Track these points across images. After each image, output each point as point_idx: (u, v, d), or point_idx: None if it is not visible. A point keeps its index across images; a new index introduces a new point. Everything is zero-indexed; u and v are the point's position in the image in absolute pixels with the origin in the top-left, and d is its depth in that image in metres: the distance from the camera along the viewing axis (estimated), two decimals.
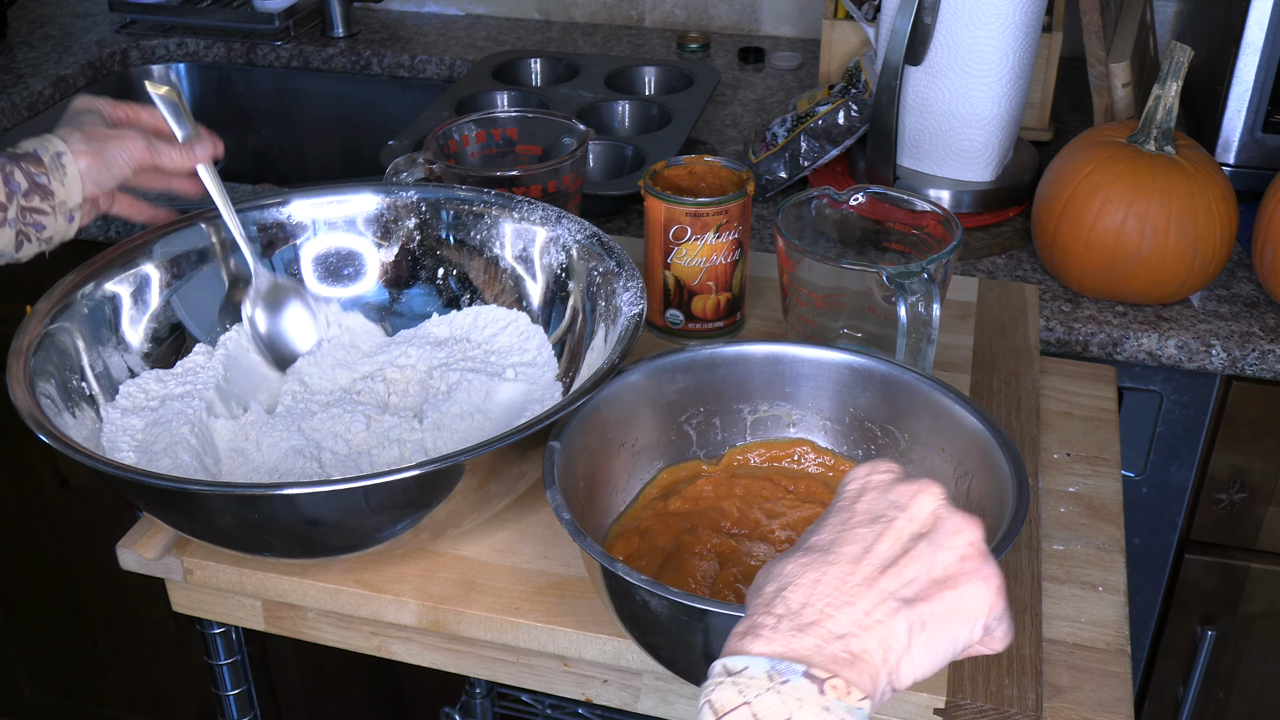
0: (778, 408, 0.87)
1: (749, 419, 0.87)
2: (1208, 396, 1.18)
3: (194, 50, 1.84)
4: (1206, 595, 1.28)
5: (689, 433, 0.86)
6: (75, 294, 0.88)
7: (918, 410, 0.81)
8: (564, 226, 0.96)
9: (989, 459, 0.75)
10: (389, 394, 0.94)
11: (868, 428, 0.85)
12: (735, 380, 0.86)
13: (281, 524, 0.75)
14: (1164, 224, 1.09)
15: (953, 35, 1.20)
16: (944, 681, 0.74)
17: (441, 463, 0.72)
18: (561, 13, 1.90)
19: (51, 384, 0.82)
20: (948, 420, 0.79)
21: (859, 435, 0.85)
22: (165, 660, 1.72)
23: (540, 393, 0.92)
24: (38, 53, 1.76)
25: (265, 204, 0.99)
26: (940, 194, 1.27)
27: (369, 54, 1.79)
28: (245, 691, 0.98)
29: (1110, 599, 0.82)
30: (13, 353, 0.81)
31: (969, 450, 0.77)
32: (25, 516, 1.64)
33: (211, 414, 0.89)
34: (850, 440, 0.86)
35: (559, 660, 0.82)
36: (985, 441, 0.76)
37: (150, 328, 0.93)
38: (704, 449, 0.86)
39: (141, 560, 0.85)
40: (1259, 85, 1.26)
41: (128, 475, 0.74)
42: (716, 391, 0.86)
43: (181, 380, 0.91)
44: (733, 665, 0.49)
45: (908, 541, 0.54)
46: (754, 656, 0.49)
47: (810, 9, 1.81)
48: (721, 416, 0.86)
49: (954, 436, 0.79)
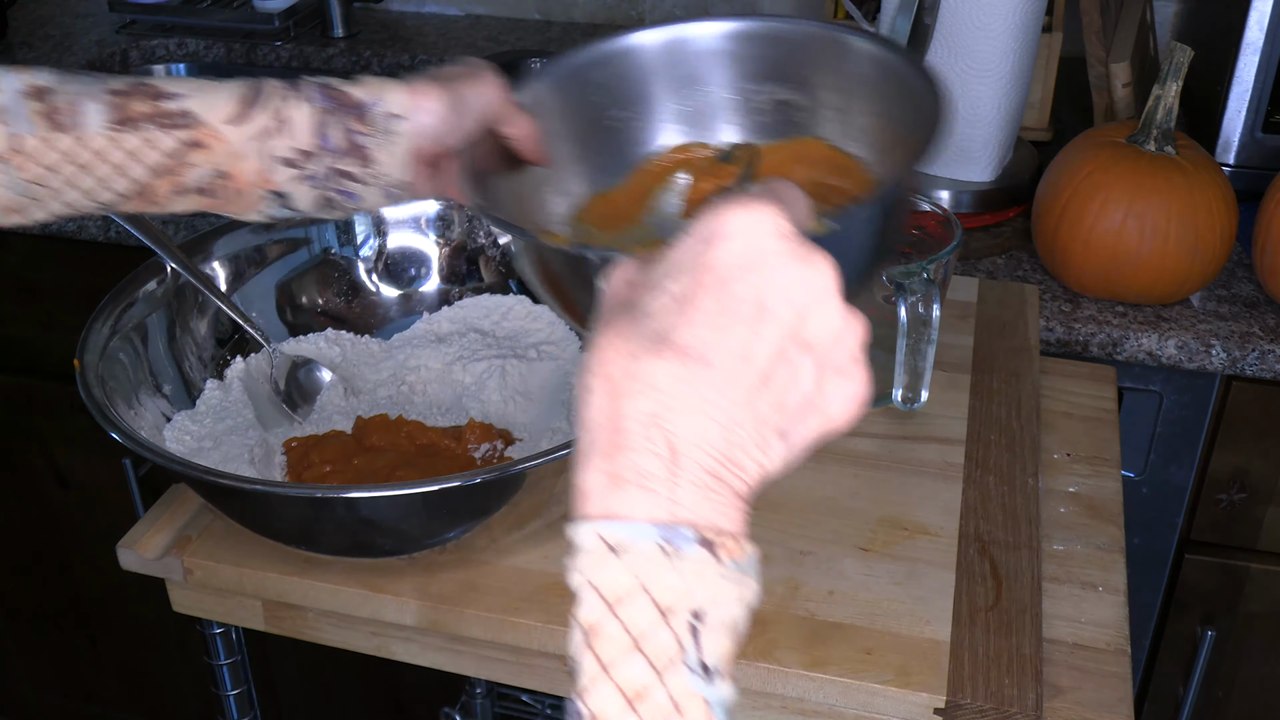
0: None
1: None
2: (1208, 396, 1.18)
3: (194, 50, 1.84)
4: (1206, 595, 1.28)
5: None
6: (108, 343, 0.86)
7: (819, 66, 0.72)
8: None
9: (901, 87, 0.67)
10: (412, 396, 0.94)
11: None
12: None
13: (408, 517, 0.76)
14: (1164, 224, 1.09)
15: (953, 35, 1.20)
16: (944, 681, 0.74)
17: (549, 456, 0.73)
18: (561, 13, 1.90)
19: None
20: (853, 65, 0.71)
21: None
22: (165, 660, 1.72)
23: (573, 366, 0.94)
24: (38, 53, 1.76)
25: None
26: (940, 194, 1.27)
27: (369, 54, 1.79)
28: (245, 691, 0.98)
29: (1110, 599, 0.82)
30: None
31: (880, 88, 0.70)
32: (25, 516, 1.64)
33: (267, 449, 0.90)
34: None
35: (559, 660, 0.82)
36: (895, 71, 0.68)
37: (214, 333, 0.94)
38: None
39: (141, 560, 0.85)
40: (1259, 85, 1.26)
41: (211, 478, 0.74)
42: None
43: (216, 417, 0.91)
44: (614, 537, 0.41)
45: (790, 350, 0.44)
46: (638, 524, 0.41)
47: (810, 9, 1.81)
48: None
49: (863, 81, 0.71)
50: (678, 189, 0.77)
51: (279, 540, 0.80)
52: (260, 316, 0.97)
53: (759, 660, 0.76)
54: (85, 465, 1.55)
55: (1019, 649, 0.76)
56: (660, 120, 0.78)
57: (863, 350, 0.45)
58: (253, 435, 0.90)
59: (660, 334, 0.43)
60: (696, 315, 0.43)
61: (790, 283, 0.43)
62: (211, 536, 0.86)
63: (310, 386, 0.96)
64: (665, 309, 0.43)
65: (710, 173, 0.77)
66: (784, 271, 0.43)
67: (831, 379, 0.44)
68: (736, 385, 0.42)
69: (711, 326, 0.43)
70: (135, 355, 0.88)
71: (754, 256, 0.43)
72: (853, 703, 0.75)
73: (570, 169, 0.76)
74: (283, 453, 0.89)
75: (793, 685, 0.76)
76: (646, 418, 0.42)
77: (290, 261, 0.99)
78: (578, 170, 0.77)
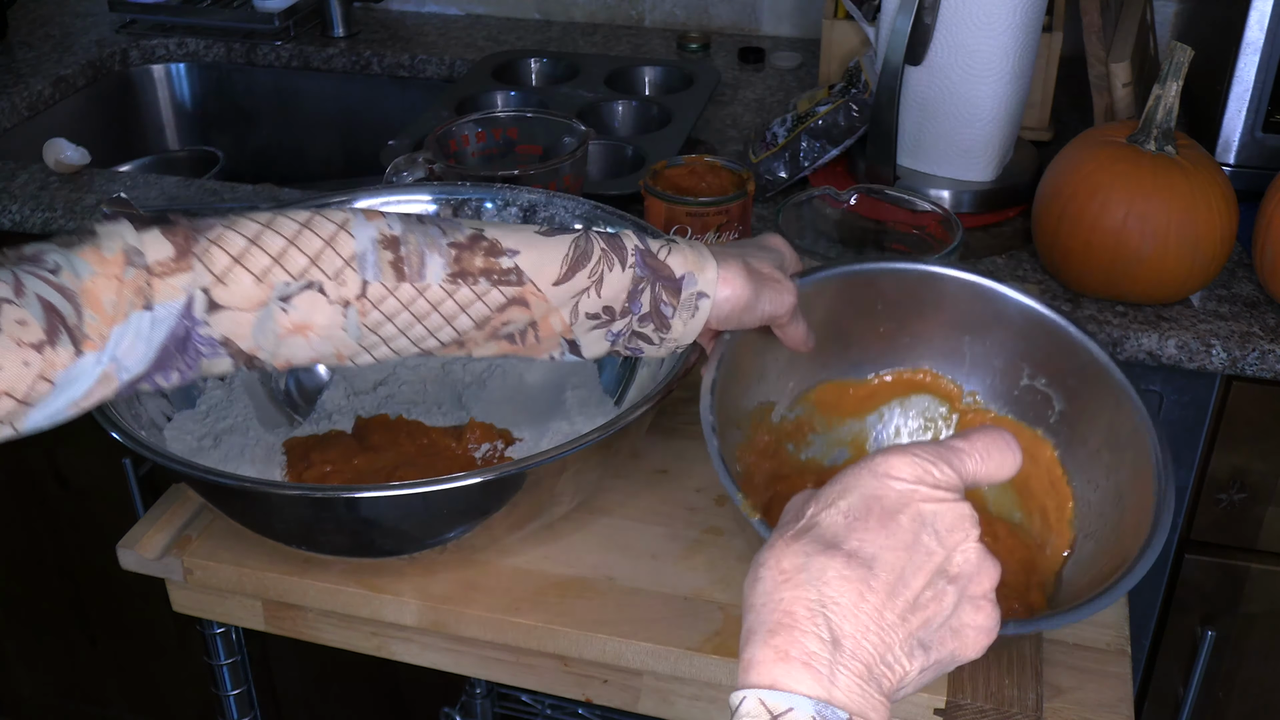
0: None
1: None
2: (1208, 396, 1.18)
3: (194, 50, 1.84)
4: (1206, 595, 1.28)
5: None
6: None
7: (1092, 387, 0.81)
8: (559, 204, 0.97)
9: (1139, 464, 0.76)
10: (412, 395, 0.95)
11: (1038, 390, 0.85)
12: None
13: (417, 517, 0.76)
14: (1164, 224, 1.09)
15: (953, 35, 1.20)
16: (944, 681, 0.74)
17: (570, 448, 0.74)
18: (561, 13, 1.90)
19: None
20: (1116, 404, 0.79)
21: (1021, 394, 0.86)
22: (165, 660, 1.72)
23: (568, 367, 0.93)
24: (38, 53, 1.76)
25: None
26: (940, 194, 1.27)
27: (369, 54, 1.79)
28: (245, 692, 0.98)
29: None
30: None
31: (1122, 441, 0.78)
32: (25, 516, 1.64)
33: (268, 449, 0.90)
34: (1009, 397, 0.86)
35: (559, 660, 0.82)
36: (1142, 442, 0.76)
37: None
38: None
39: (141, 560, 0.85)
40: (1259, 85, 1.26)
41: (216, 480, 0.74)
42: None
43: (218, 415, 0.91)
44: (776, 705, 0.46)
45: (938, 580, 0.51)
46: (799, 696, 0.46)
47: (810, 9, 1.81)
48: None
49: (1116, 428, 0.79)
50: (916, 408, 0.87)
51: (279, 540, 0.80)
52: None
53: None
54: (85, 465, 1.55)
55: (1019, 649, 0.76)
56: (923, 346, 0.87)
57: (994, 591, 0.53)
58: (253, 435, 0.90)
59: (831, 540, 0.50)
60: (865, 532, 0.50)
61: (942, 521, 0.51)
62: (211, 536, 0.86)
63: (311, 386, 0.96)
64: (836, 524, 0.51)
65: (944, 399, 0.87)
66: (938, 512, 0.51)
67: (968, 610, 0.52)
68: (895, 598, 0.49)
69: (876, 544, 0.50)
70: None
71: (914, 496, 0.51)
72: None
73: (812, 355, 0.84)
74: (283, 452, 0.89)
75: None
76: (815, 605, 0.48)
77: None
78: (821, 357, 0.85)
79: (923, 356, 0.87)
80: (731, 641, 0.77)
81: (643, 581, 0.81)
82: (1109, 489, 0.78)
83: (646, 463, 0.92)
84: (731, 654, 0.76)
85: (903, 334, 0.86)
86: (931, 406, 0.87)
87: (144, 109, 1.86)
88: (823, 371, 0.86)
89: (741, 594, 0.51)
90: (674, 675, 0.78)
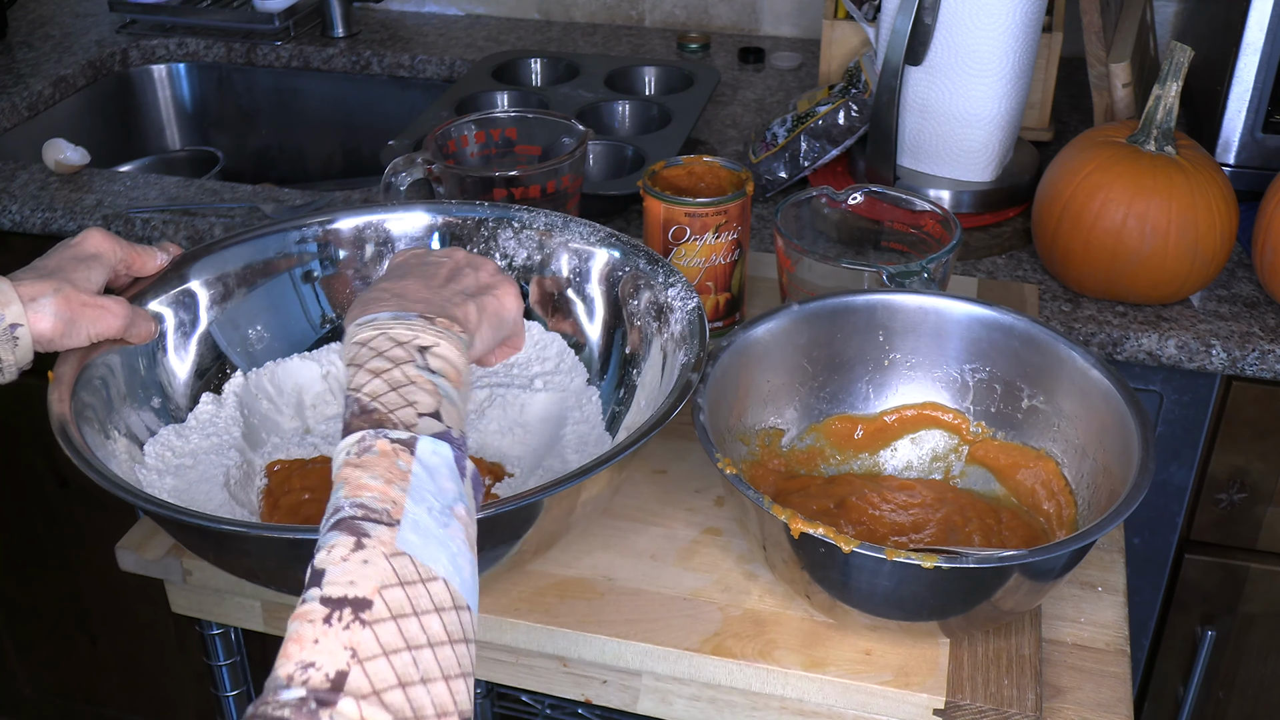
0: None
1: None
2: (1208, 396, 1.18)
3: (194, 50, 1.84)
4: (1206, 595, 1.28)
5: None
6: (88, 362, 0.83)
7: (1052, 370, 0.85)
8: (573, 230, 0.95)
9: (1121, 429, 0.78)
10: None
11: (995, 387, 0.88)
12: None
13: None
14: (1164, 224, 1.09)
15: (953, 35, 1.20)
16: (944, 682, 0.74)
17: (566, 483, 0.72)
18: (561, 13, 1.90)
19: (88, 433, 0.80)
20: (1082, 384, 0.82)
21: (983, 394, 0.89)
22: (165, 660, 1.72)
23: (573, 399, 0.92)
24: (38, 53, 1.76)
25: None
26: (940, 194, 1.27)
27: (369, 54, 1.79)
28: (245, 692, 0.98)
29: (1110, 599, 0.82)
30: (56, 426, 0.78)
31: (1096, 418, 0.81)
32: (25, 516, 1.64)
33: (247, 470, 0.87)
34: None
35: (559, 660, 0.82)
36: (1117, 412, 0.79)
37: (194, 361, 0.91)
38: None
39: (141, 561, 0.85)
40: (1259, 85, 1.26)
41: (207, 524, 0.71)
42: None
43: (203, 433, 0.88)
44: (363, 319, 0.68)
45: (457, 267, 0.76)
46: (377, 314, 0.68)
47: (810, 9, 1.81)
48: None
49: (1086, 404, 0.82)
50: (927, 444, 0.89)
51: (250, 579, 0.77)
52: (264, 329, 0.94)
53: (758, 661, 0.76)
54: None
55: (1018, 649, 0.76)
56: (925, 376, 0.90)
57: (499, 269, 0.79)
58: (233, 456, 0.86)
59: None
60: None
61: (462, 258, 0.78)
62: None
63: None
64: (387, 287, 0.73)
65: (953, 433, 0.89)
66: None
67: (486, 274, 0.77)
68: (433, 280, 0.74)
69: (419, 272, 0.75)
70: (130, 368, 0.86)
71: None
72: (852, 704, 0.75)
73: (816, 387, 0.89)
74: (264, 475, 0.87)
75: (792, 686, 0.76)
76: (387, 292, 0.71)
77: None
78: (828, 386, 0.89)
79: (928, 389, 0.90)
80: (731, 642, 0.77)
81: (642, 582, 0.81)
82: (1104, 487, 0.79)
83: (646, 463, 0.92)
84: (731, 654, 0.76)
85: (904, 365, 0.90)
86: (942, 441, 0.89)
87: (144, 109, 1.86)
88: (830, 404, 0.90)
89: (740, 594, 0.52)
90: (673, 675, 0.78)
